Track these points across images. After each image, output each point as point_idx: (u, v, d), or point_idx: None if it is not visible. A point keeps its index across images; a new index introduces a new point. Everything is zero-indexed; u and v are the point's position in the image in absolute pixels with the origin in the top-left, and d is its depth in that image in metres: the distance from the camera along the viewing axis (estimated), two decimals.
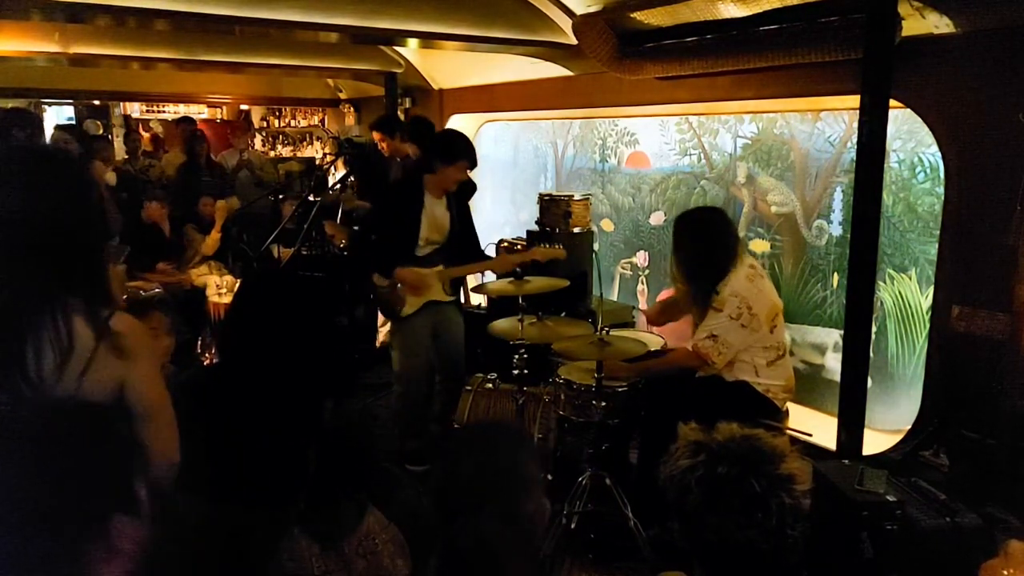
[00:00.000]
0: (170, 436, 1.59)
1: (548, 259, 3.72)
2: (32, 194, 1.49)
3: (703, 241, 3.16)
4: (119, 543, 1.08)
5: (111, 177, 5.01)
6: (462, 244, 3.83)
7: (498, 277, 3.75)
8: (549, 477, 3.37)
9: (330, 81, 7.94)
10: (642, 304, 5.29)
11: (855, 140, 3.08)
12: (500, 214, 6.66)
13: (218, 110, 9.58)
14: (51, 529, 1.03)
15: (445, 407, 4.01)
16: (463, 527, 1.39)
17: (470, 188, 3.98)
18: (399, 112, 6.66)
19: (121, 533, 1.08)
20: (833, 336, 4.03)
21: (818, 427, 3.53)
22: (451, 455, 1.54)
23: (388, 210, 3.81)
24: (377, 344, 5.63)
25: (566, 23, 4.16)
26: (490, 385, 3.79)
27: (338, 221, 5.30)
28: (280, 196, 5.63)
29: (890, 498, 2.43)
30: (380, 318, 5.60)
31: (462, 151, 3.66)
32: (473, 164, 3.72)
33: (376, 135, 5.16)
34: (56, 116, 9.30)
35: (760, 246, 4.43)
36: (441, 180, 3.66)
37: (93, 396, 1.48)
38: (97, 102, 8.92)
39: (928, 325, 3.39)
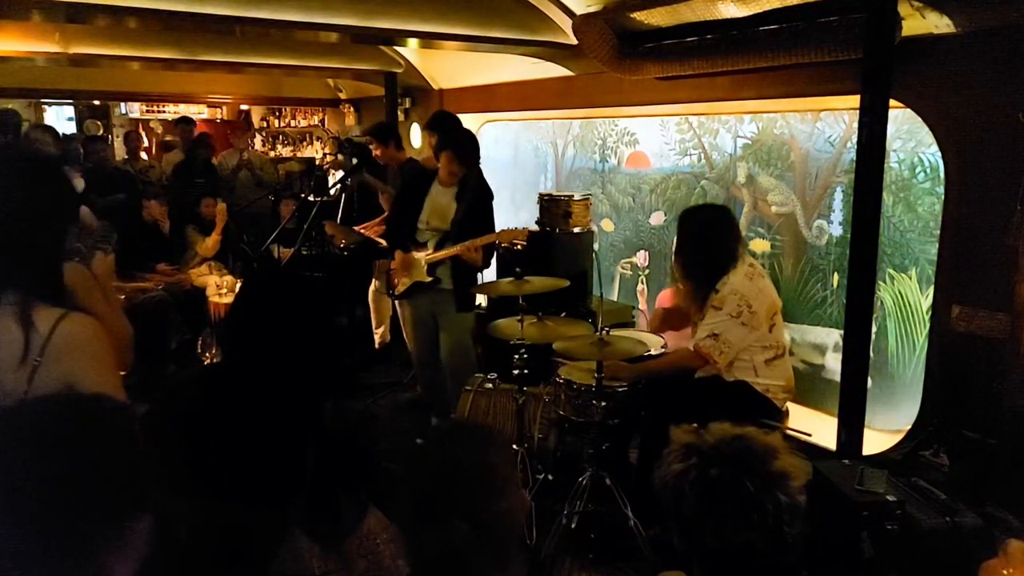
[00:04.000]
0: None
1: (512, 239, 3.91)
2: None
3: (705, 238, 3.17)
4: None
5: (78, 182, 5.02)
6: (461, 236, 3.90)
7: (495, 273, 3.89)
8: (550, 477, 3.38)
9: (330, 81, 7.93)
10: (642, 304, 5.29)
11: (855, 140, 3.08)
12: (500, 214, 6.61)
13: (218, 110, 9.57)
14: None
15: (442, 402, 4.10)
16: (430, 537, 1.36)
17: (484, 191, 4.10)
18: (399, 112, 6.66)
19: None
20: (833, 336, 4.02)
21: (818, 427, 3.54)
22: (414, 465, 1.50)
23: (398, 193, 4.28)
24: (376, 344, 5.63)
25: (566, 23, 4.15)
26: (490, 385, 3.79)
27: (338, 221, 5.31)
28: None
29: (890, 498, 2.43)
30: (374, 320, 5.61)
31: (448, 141, 3.97)
32: (459, 154, 3.86)
33: (370, 141, 5.18)
34: (56, 116, 9.30)
35: (760, 246, 4.42)
36: (441, 166, 3.95)
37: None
38: (97, 102, 8.92)
39: (928, 325, 3.39)
